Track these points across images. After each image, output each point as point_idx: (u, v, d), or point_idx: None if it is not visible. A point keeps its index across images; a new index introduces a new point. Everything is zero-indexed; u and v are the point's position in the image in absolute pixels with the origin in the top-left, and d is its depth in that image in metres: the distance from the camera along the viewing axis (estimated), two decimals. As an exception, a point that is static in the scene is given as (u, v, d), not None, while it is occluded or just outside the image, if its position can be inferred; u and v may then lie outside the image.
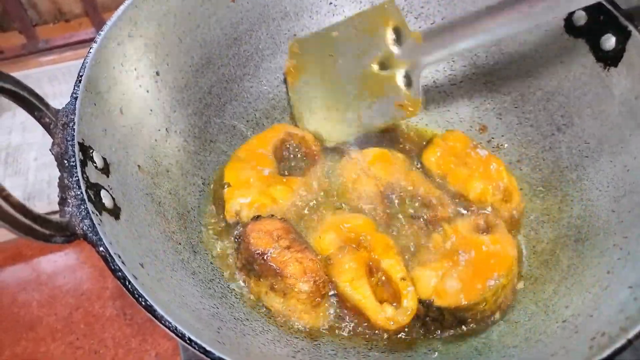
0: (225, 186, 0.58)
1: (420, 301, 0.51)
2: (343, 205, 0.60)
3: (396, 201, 0.60)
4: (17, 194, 0.81)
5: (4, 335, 0.77)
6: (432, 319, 0.52)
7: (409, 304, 0.50)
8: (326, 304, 0.52)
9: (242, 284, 0.53)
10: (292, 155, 0.64)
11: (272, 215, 0.56)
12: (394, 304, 0.51)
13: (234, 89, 0.66)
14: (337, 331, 0.51)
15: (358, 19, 0.64)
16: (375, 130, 0.62)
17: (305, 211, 0.59)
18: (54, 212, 0.40)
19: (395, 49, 0.60)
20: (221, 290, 0.51)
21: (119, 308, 0.81)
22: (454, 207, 0.60)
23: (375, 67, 0.61)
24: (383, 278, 0.53)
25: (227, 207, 0.57)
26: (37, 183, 0.89)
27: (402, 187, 0.60)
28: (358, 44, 0.62)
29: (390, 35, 0.60)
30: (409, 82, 0.60)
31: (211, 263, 0.53)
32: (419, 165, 0.64)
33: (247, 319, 0.48)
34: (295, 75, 0.66)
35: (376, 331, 0.51)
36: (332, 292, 0.53)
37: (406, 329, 0.52)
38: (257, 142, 0.62)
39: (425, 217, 0.58)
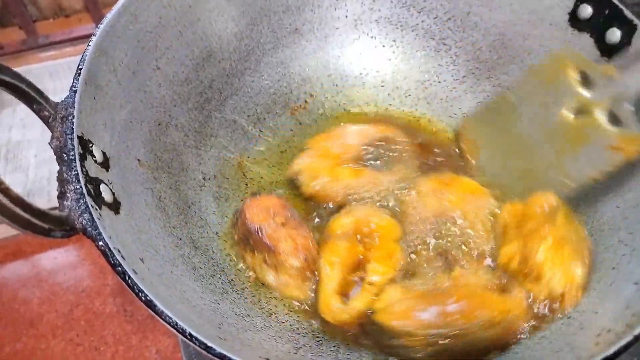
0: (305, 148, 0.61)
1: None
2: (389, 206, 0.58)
3: (440, 233, 0.55)
4: (17, 190, 0.79)
5: (4, 331, 0.77)
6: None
7: (354, 304, 0.49)
8: (313, 279, 0.52)
9: (243, 281, 0.53)
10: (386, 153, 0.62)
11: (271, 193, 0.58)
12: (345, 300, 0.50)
13: (235, 83, 0.66)
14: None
15: (533, 74, 0.59)
16: (590, 182, 0.53)
17: (351, 198, 0.58)
18: (54, 209, 0.39)
19: (586, 92, 0.52)
20: (222, 286, 0.50)
21: (119, 305, 0.81)
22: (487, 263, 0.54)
23: (568, 115, 0.53)
24: (360, 278, 0.52)
25: (293, 162, 0.61)
26: (37, 180, 0.88)
27: (458, 224, 0.55)
28: (540, 98, 0.56)
29: (576, 80, 0.53)
30: (616, 121, 0.51)
31: (212, 259, 0.53)
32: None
33: (249, 315, 0.48)
34: (474, 155, 0.61)
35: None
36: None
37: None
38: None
39: (450, 256, 0.54)
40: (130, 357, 0.76)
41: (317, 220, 0.58)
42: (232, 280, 0.52)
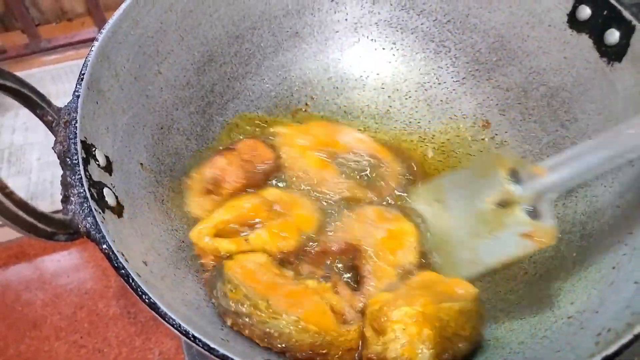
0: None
1: None
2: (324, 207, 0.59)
3: (343, 258, 0.55)
4: (20, 193, 0.80)
5: (8, 333, 0.77)
6: None
7: (218, 242, 0.51)
8: (209, 201, 0.56)
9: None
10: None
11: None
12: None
13: (236, 87, 0.66)
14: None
15: (466, 169, 0.63)
16: (497, 266, 0.55)
17: (303, 183, 0.60)
18: (57, 212, 0.40)
19: (514, 188, 0.54)
20: (225, 288, 0.50)
21: (122, 307, 0.81)
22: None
23: (491, 206, 0.55)
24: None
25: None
26: (40, 183, 0.89)
27: (364, 262, 0.54)
28: (470, 188, 0.58)
29: (505, 176, 0.55)
30: (535, 215, 0.54)
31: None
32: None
33: (251, 317, 0.48)
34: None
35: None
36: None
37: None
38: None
39: (333, 277, 0.53)
40: (134, 359, 0.76)
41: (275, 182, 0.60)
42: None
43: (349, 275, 0.55)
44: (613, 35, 0.57)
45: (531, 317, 0.50)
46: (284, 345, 0.43)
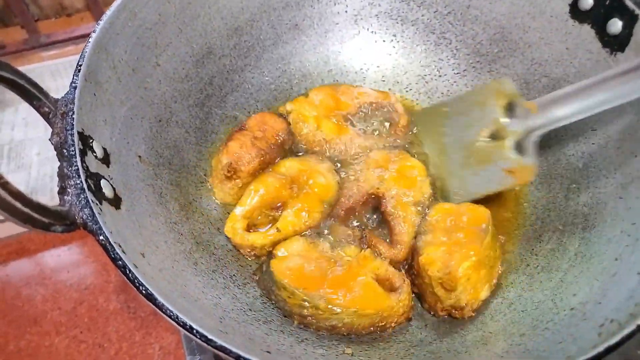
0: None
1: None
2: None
3: (368, 210, 0.59)
4: (20, 188, 0.80)
5: (8, 329, 0.77)
6: None
7: (251, 236, 0.54)
8: (232, 186, 0.58)
9: (245, 276, 0.53)
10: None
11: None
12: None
13: (235, 79, 0.66)
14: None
15: (470, 94, 0.65)
16: (480, 197, 0.59)
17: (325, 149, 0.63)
18: (57, 206, 0.39)
19: (506, 121, 0.58)
20: (224, 281, 0.50)
21: (122, 302, 0.81)
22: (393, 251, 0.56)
23: (484, 138, 0.60)
24: (273, 219, 0.56)
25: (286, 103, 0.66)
26: (39, 177, 0.88)
27: (388, 207, 0.57)
28: (468, 117, 0.61)
29: (501, 108, 0.59)
30: (519, 150, 0.58)
31: (213, 254, 0.53)
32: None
33: (250, 309, 0.48)
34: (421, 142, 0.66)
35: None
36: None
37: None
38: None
39: (367, 235, 0.56)
40: (134, 354, 0.76)
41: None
42: (233, 275, 0.52)
43: (378, 223, 0.59)
44: (615, 25, 0.56)
45: (533, 310, 0.50)
46: (348, 331, 0.49)
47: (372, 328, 0.50)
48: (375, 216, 0.59)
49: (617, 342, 0.38)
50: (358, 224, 0.58)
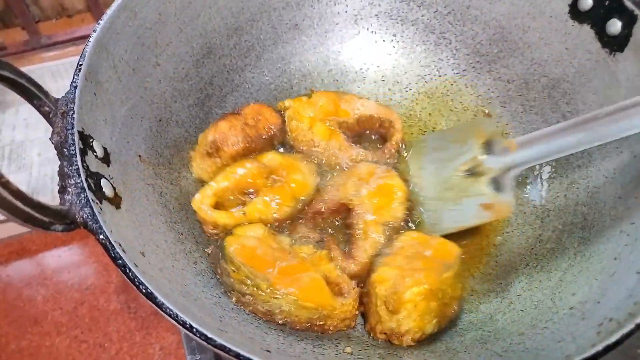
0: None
1: None
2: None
3: (336, 216, 0.59)
4: (21, 188, 0.81)
5: (9, 329, 0.78)
6: None
7: (216, 214, 0.54)
8: (210, 163, 0.58)
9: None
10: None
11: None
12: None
13: (236, 79, 0.66)
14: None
15: (451, 130, 0.67)
16: (455, 230, 0.58)
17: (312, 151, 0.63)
18: (58, 206, 0.40)
19: (484, 157, 0.59)
20: (223, 281, 0.50)
21: (123, 302, 0.81)
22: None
23: (462, 173, 0.60)
24: (242, 203, 0.56)
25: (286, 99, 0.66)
26: (40, 178, 0.89)
27: (357, 219, 0.57)
28: (447, 152, 0.62)
29: (480, 145, 0.60)
30: (497, 186, 0.58)
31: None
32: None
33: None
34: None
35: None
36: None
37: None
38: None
39: (327, 239, 0.56)
40: (134, 354, 0.76)
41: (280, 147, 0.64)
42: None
43: (342, 234, 0.58)
44: (615, 26, 0.56)
45: (532, 309, 0.50)
46: (284, 320, 0.47)
47: (309, 324, 0.48)
48: (339, 223, 0.59)
49: (616, 340, 0.38)
50: (321, 227, 0.58)
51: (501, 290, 0.54)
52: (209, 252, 0.53)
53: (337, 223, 0.59)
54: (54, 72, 1.03)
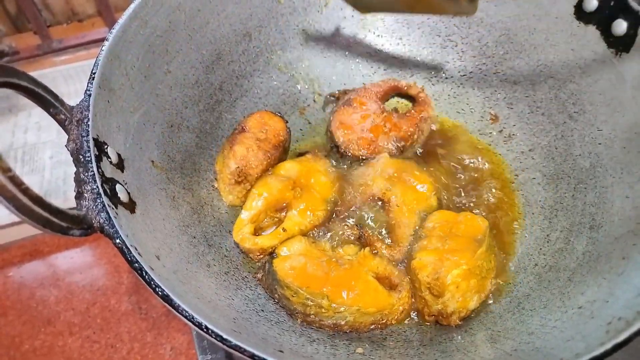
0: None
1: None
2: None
3: (369, 211, 0.60)
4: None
5: (23, 329, 0.79)
6: None
7: (259, 240, 0.55)
8: (241, 189, 0.59)
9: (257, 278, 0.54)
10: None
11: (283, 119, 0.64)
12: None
13: (245, 84, 0.67)
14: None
15: None
16: (417, 11, 0.55)
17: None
18: (71, 209, 0.41)
19: None
20: (236, 283, 0.51)
21: (134, 303, 0.82)
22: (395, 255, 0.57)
23: None
24: (278, 220, 0.57)
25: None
26: (52, 180, 0.90)
27: (389, 210, 0.59)
28: None
29: None
30: None
31: (225, 256, 0.54)
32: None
33: (262, 310, 0.49)
34: None
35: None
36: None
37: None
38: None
39: (367, 235, 0.57)
40: (145, 354, 0.77)
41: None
42: (245, 277, 0.53)
43: (379, 225, 0.59)
44: (620, 26, 0.56)
45: (541, 308, 0.50)
46: (350, 328, 0.50)
47: (373, 326, 0.51)
48: (373, 215, 0.60)
49: (624, 339, 0.38)
50: (357, 223, 0.59)
51: (510, 290, 0.54)
52: (259, 277, 0.54)
53: (371, 215, 0.60)
54: (66, 76, 1.04)
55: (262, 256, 0.55)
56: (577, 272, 0.52)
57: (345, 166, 0.64)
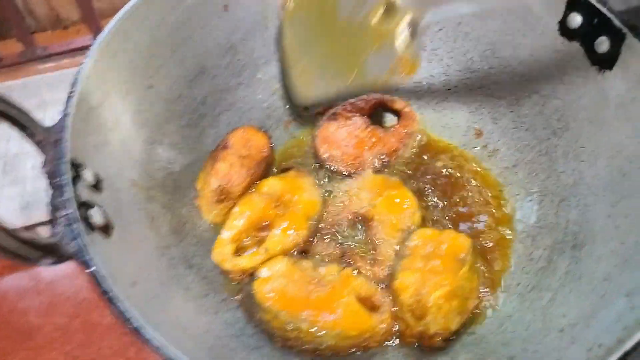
0: None
1: None
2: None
3: (352, 231, 0.59)
4: (15, 203, 0.81)
5: (3, 343, 0.77)
6: None
7: (240, 261, 0.54)
8: (222, 207, 0.58)
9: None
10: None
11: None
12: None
13: (229, 98, 0.66)
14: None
15: None
16: (365, 88, 0.59)
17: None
18: (43, 238, 0.40)
19: None
20: (215, 306, 0.51)
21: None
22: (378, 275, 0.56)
23: (376, 16, 0.58)
24: (259, 241, 0.56)
25: None
26: (34, 192, 0.88)
27: (372, 230, 0.58)
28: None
29: None
30: (411, 35, 0.57)
31: (205, 277, 0.53)
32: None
33: (242, 334, 0.48)
34: (291, 12, 0.63)
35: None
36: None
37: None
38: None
39: (349, 255, 0.57)
40: (128, 370, 0.76)
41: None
42: (224, 299, 0.52)
43: (362, 244, 0.58)
44: (604, 44, 0.56)
45: (523, 331, 0.50)
46: (331, 352, 0.49)
47: (354, 349, 0.50)
48: (356, 234, 0.59)
49: (603, 367, 0.38)
50: (339, 241, 0.58)
51: (492, 311, 0.54)
52: (239, 299, 0.53)
53: (354, 234, 0.59)
54: (50, 84, 1.02)
55: (242, 277, 0.54)
56: (559, 292, 0.52)
57: (329, 182, 0.63)
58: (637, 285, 0.45)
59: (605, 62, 0.57)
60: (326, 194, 0.61)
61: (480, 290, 0.55)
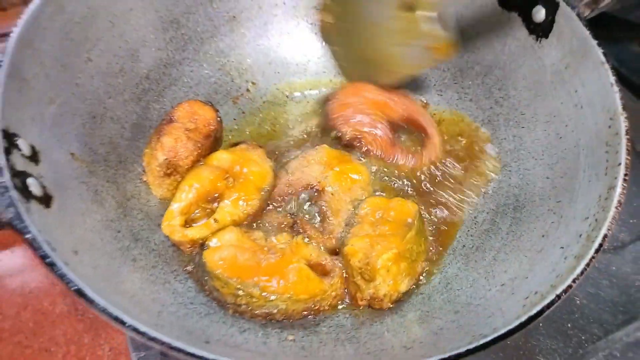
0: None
1: None
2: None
3: (303, 200, 0.60)
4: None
5: (-54, 338, 0.74)
6: None
7: (190, 232, 0.54)
8: (171, 182, 0.57)
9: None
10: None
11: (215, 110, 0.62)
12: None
13: (173, 73, 0.65)
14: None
15: None
16: (409, 74, 0.61)
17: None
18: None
19: None
20: (164, 277, 0.50)
21: (69, 304, 0.79)
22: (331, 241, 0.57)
23: (399, 12, 0.59)
24: (210, 211, 0.56)
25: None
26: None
27: (324, 200, 0.59)
28: None
29: None
30: (439, 23, 0.58)
31: (153, 250, 0.52)
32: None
33: (192, 303, 0.48)
34: (330, 28, 0.66)
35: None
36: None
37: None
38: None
39: (300, 223, 0.57)
40: (83, 357, 0.74)
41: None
42: (175, 270, 0.52)
43: (312, 213, 0.59)
44: (540, 13, 0.59)
45: (468, 287, 0.52)
46: (283, 317, 0.50)
47: (306, 312, 0.51)
48: (307, 204, 0.59)
49: (538, 311, 0.40)
50: (291, 212, 0.59)
51: (439, 272, 0.56)
52: (189, 269, 0.53)
53: (306, 204, 0.59)
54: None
55: (193, 248, 0.54)
56: (501, 251, 0.55)
57: (281, 155, 0.63)
58: (571, 238, 0.47)
59: (542, 31, 0.59)
60: (278, 167, 0.61)
61: (429, 253, 0.57)
